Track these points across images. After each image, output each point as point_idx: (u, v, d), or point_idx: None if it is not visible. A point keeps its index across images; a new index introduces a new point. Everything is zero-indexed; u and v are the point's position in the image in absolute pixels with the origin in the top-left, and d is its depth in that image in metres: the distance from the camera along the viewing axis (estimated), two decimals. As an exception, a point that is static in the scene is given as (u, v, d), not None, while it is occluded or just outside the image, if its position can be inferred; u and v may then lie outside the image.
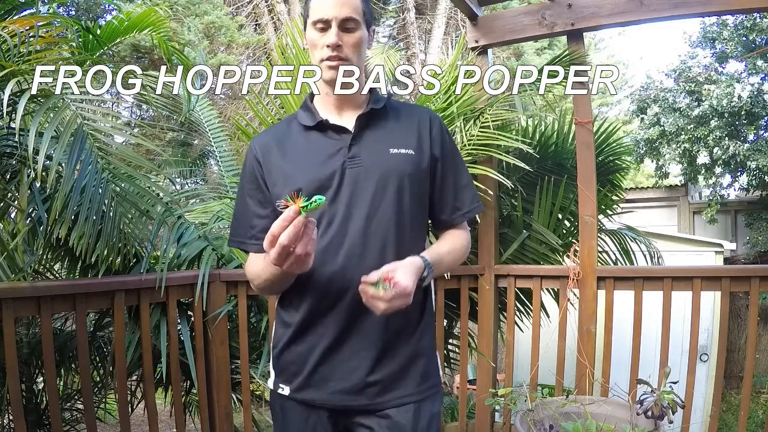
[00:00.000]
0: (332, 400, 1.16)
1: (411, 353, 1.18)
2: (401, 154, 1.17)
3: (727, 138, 6.92)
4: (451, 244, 1.24)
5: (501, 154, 2.37)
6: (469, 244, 1.30)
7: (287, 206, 0.92)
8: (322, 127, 1.19)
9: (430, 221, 1.29)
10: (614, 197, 3.24)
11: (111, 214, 2.01)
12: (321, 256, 1.10)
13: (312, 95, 1.27)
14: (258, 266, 1.16)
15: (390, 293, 0.99)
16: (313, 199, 0.91)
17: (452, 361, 2.99)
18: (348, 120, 1.20)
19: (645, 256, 3.25)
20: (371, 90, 1.26)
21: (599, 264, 2.66)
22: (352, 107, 1.22)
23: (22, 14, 2.32)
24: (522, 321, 2.87)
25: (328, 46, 1.12)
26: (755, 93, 6.74)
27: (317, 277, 1.13)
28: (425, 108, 1.33)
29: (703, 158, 7.47)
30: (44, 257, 2.40)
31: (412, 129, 1.22)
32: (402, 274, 1.02)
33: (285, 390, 1.20)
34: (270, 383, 1.26)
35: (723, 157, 6.92)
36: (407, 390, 1.17)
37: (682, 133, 7.27)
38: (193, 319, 2.31)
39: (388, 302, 1.00)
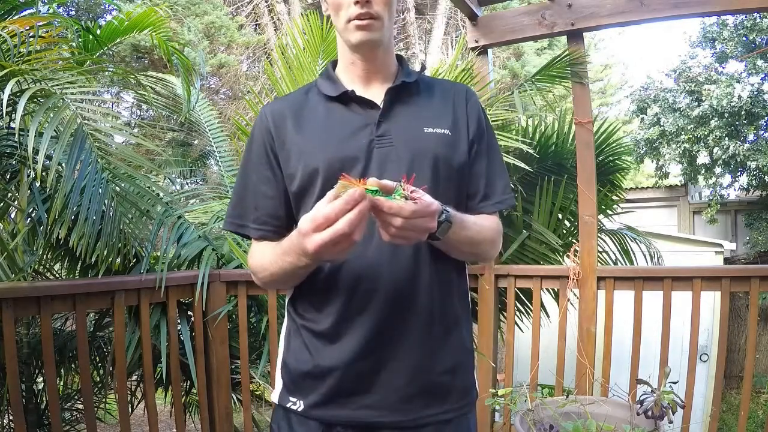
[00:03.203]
0: (360, 416, 0.99)
1: (454, 364, 1.04)
2: (436, 134, 1.02)
3: (727, 138, 6.92)
4: (477, 217, 1.05)
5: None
6: (500, 231, 1.12)
7: (345, 184, 0.76)
8: (346, 99, 1.04)
9: None
10: (614, 197, 3.24)
11: (111, 214, 2.01)
12: None
13: (334, 63, 1.11)
14: (266, 255, 1.00)
15: (411, 206, 0.78)
16: (376, 189, 0.76)
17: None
18: (375, 94, 1.05)
19: (645, 256, 3.25)
20: (400, 61, 1.10)
21: (599, 264, 2.66)
22: (380, 80, 1.07)
23: (22, 14, 2.32)
24: (522, 321, 2.87)
25: (356, 3, 0.97)
26: (755, 93, 6.74)
27: (343, 274, 0.98)
28: (461, 84, 1.18)
29: (703, 158, 7.48)
30: (44, 257, 2.40)
31: (447, 106, 1.07)
32: (422, 192, 0.83)
33: (298, 405, 1.02)
34: (275, 396, 1.08)
35: (723, 157, 6.92)
36: (447, 406, 1.02)
37: (682, 133, 7.27)
38: (193, 319, 2.31)
39: (406, 220, 0.79)
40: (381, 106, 1.03)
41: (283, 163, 1.03)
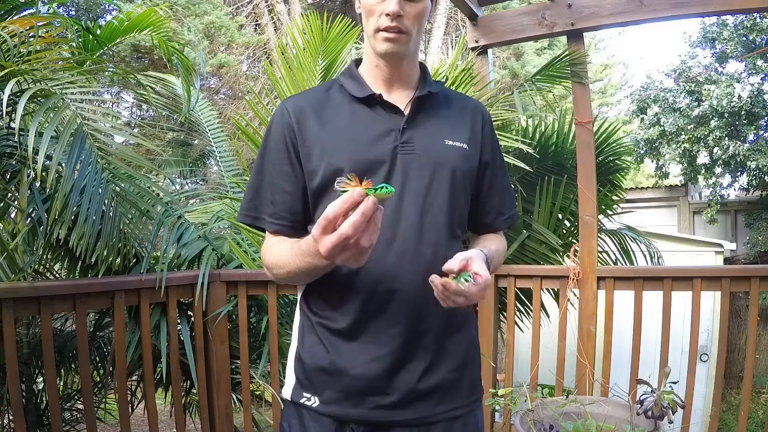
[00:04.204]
0: (375, 416, 1.00)
1: (462, 360, 1.06)
2: (456, 147, 1.06)
3: (727, 138, 6.92)
4: (496, 245, 1.14)
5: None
6: (506, 245, 1.21)
7: (347, 186, 0.75)
8: (372, 101, 1.05)
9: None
10: (614, 197, 3.24)
11: (111, 214, 2.01)
12: None
13: (358, 61, 1.12)
14: (283, 253, 0.99)
15: (474, 287, 0.88)
16: (382, 185, 0.74)
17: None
18: (398, 99, 1.06)
19: (645, 256, 3.25)
20: (422, 69, 1.13)
21: (599, 264, 2.66)
22: (402, 86, 1.08)
23: (22, 14, 2.32)
24: (522, 321, 2.87)
25: (387, 15, 0.98)
26: (755, 93, 6.74)
27: (361, 275, 0.98)
28: (477, 101, 1.24)
29: (703, 158, 7.48)
30: (44, 257, 2.40)
31: (465, 121, 1.11)
32: (478, 265, 0.91)
33: (313, 401, 1.02)
34: (287, 392, 1.08)
35: (723, 157, 6.93)
36: (456, 402, 1.05)
37: (682, 133, 7.28)
38: (193, 319, 2.31)
39: (468, 297, 0.88)
40: (405, 113, 1.05)
41: (303, 159, 1.03)
